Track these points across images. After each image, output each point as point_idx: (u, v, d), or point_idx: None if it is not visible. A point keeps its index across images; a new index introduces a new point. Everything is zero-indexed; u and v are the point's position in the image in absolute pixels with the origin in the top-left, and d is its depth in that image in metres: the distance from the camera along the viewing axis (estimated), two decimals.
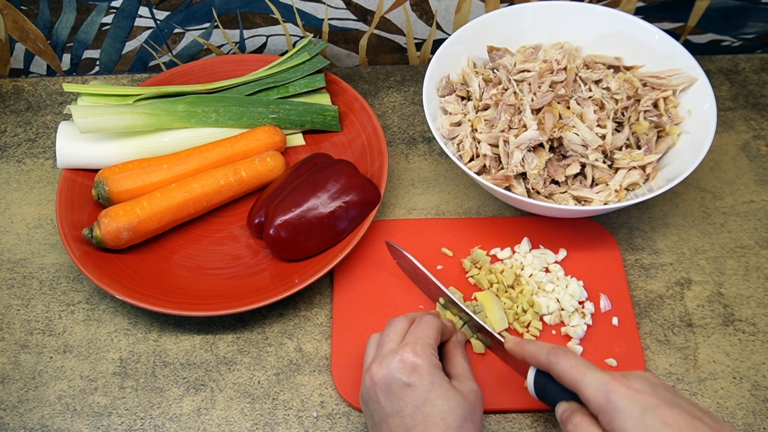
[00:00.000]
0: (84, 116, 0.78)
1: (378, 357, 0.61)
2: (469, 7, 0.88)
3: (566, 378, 0.56)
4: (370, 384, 0.60)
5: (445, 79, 0.82)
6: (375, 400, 0.60)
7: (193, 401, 0.70)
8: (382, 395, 0.59)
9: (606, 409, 0.53)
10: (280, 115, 0.84)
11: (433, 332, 0.62)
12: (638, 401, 0.52)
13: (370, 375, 0.60)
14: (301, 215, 0.73)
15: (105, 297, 0.77)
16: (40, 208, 0.84)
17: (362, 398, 0.62)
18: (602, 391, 0.53)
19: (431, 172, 0.86)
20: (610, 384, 0.53)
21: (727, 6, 0.88)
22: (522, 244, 0.77)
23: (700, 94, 0.77)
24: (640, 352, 0.70)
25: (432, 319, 0.64)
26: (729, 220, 0.80)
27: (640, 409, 0.52)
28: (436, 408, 0.57)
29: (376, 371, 0.60)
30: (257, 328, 0.75)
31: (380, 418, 0.59)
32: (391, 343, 0.62)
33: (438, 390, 0.58)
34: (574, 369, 0.56)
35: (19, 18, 0.89)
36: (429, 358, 0.60)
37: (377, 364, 0.60)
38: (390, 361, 0.59)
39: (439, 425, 0.57)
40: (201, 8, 0.88)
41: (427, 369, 0.59)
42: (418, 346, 0.60)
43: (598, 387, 0.54)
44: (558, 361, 0.57)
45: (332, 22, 0.90)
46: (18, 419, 0.70)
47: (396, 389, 0.58)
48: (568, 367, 0.56)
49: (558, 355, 0.58)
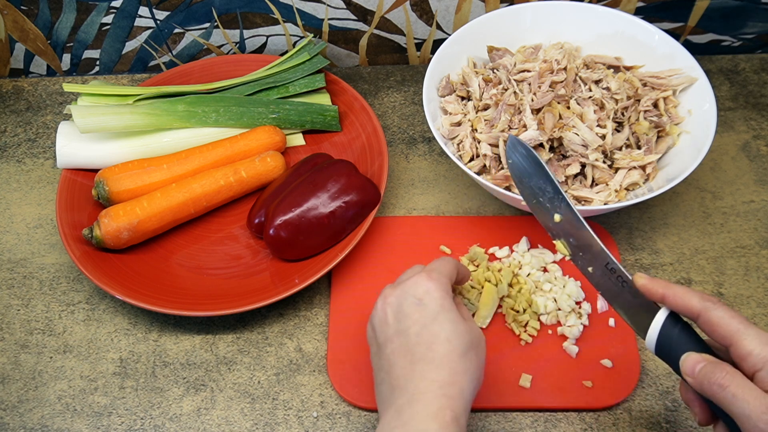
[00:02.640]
0: (84, 116, 0.78)
1: (394, 283, 0.61)
2: (469, 7, 0.88)
3: (724, 327, 0.51)
4: (382, 305, 0.60)
5: (445, 79, 0.82)
6: (383, 320, 0.59)
7: (193, 401, 0.70)
8: (392, 315, 0.59)
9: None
10: (280, 115, 0.84)
11: (450, 267, 0.62)
12: None
13: (384, 296, 0.60)
14: (301, 215, 0.73)
15: (105, 297, 0.77)
16: (40, 208, 0.84)
17: (371, 323, 0.61)
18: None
19: (431, 172, 0.86)
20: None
21: (727, 6, 0.88)
22: (520, 244, 0.77)
23: (700, 94, 0.77)
24: (636, 353, 0.70)
25: (450, 258, 0.64)
26: (729, 220, 0.80)
27: None
28: (443, 328, 0.56)
29: (389, 293, 0.60)
30: (257, 328, 0.75)
31: (385, 338, 0.59)
32: (406, 275, 0.62)
33: (447, 313, 0.57)
34: (735, 319, 0.51)
35: (19, 18, 0.89)
36: (443, 284, 0.59)
37: (392, 287, 0.60)
38: (405, 283, 0.60)
39: (443, 344, 0.56)
40: (201, 8, 0.88)
41: (439, 293, 0.58)
42: (434, 273, 0.60)
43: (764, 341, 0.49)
44: (716, 308, 0.52)
45: (332, 22, 0.90)
46: (18, 419, 0.70)
47: (406, 308, 0.58)
48: (728, 316, 0.51)
49: (715, 302, 0.52)
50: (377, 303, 0.61)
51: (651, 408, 0.69)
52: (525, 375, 0.69)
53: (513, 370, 0.69)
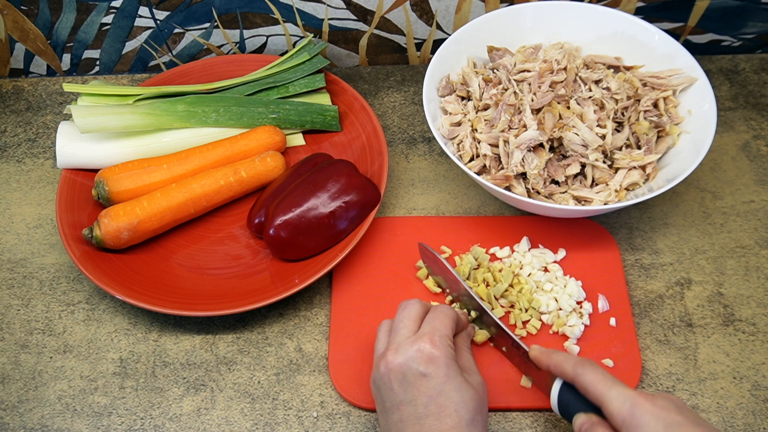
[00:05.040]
0: (84, 116, 0.78)
1: (393, 343, 0.61)
2: (469, 7, 0.88)
3: (592, 391, 0.57)
4: (385, 370, 0.60)
5: (445, 79, 0.82)
6: (388, 387, 0.59)
7: (193, 401, 0.70)
8: (396, 383, 0.59)
9: (630, 424, 0.53)
10: (280, 115, 0.84)
11: (450, 323, 0.62)
12: (662, 417, 0.53)
13: (386, 362, 0.60)
14: (301, 215, 0.73)
15: (105, 297, 0.77)
16: (40, 208, 0.84)
17: (374, 383, 0.62)
18: (627, 405, 0.54)
19: (431, 172, 0.86)
20: (636, 399, 0.54)
21: (727, 6, 0.88)
22: (521, 244, 0.77)
23: (700, 94, 0.77)
24: (637, 353, 0.70)
25: (449, 310, 0.64)
26: (729, 220, 0.80)
27: (664, 425, 0.52)
28: (451, 399, 0.57)
29: (392, 358, 0.59)
30: (257, 328, 0.75)
31: (392, 404, 0.59)
32: (405, 330, 0.61)
33: (453, 382, 0.58)
34: (601, 383, 0.56)
35: (19, 18, 0.89)
36: (446, 350, 0.59)
37: (393, 351, 0.60)
38: (407, 349, 0.59)
39: (452, 416, 0.57)
40: (201, 8, 0.88)
41: (444, 361, 0.58)
42: (436, 336, 0.60)
43: (624, 401, 0.54)
44: (585, 373, 0.58)
45: (332, 22, 0.90)
46: (18, 419, 0.70)
47: (411, 378, 0.58)
48: (595, 380, 0.57)
49: (585, 367, 0.58)
50: (379, 365, 0.60)
51: None
52: (526, 375, 0.69)
53: (514, 370, 0.69)
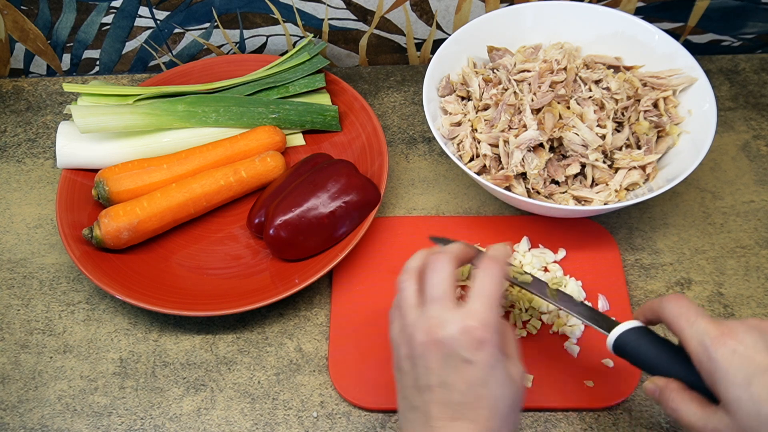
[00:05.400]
0: (84, 116, 0.78)
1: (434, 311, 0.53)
2: (469, 7, 0.88)
3: (674, 328, 0.52)
4: (426, 340, 0.53)
5: (445, 79, 0.82)
6: (424, 365, 0.53)
7: (193, 401, 0.70)
8: (435, 361, 0.53)
9: (708, 370, 0.47)
10: (280, 115, 0.84)
11: (501, 289, 0.54)
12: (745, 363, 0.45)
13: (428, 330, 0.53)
14: (301, 215, 0.73)
15: (105, 297, 0.77)
16: (40, 208, 0.84)
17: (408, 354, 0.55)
18: (704, 347, 0.47)
19: (431, 172, 0.86)
20: (716, 340, 0.47)
21: (727, 6, 0.88)
22: (521, 244, 0.77)
23: (700, 94, 0.77)
24: None
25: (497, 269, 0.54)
26: (729, 220, 0.80)
27: (745, 375, 0.45)
28: (491, 392, 0.52)
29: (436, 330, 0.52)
30: (257, 328, 0.75)
31: (425, 384, 0.53)
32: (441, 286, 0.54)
33: (498, 374, 0.53)
34: (683, 317, 0.50)
35: (19, 18, 0.89)
36: (495, 336, 0.53)
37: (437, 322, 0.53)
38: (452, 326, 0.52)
39: (489, 409, 0.52)
40: (201, 8, 0.88)
41: (491, 349, 0.52)
42: (488, 313, 0.53)
43: (700, 342, 0.48)
44: (668, 306, 0.52)
45: (332, 22, 0.90)
46: (18, 419, 0.70)
47: (453, 362, 0.52)
48: (678, 314, 0.51)
49: (670, 299, 0.53)
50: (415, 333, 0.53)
51: (651, 408, 0.69)
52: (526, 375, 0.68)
53: None
